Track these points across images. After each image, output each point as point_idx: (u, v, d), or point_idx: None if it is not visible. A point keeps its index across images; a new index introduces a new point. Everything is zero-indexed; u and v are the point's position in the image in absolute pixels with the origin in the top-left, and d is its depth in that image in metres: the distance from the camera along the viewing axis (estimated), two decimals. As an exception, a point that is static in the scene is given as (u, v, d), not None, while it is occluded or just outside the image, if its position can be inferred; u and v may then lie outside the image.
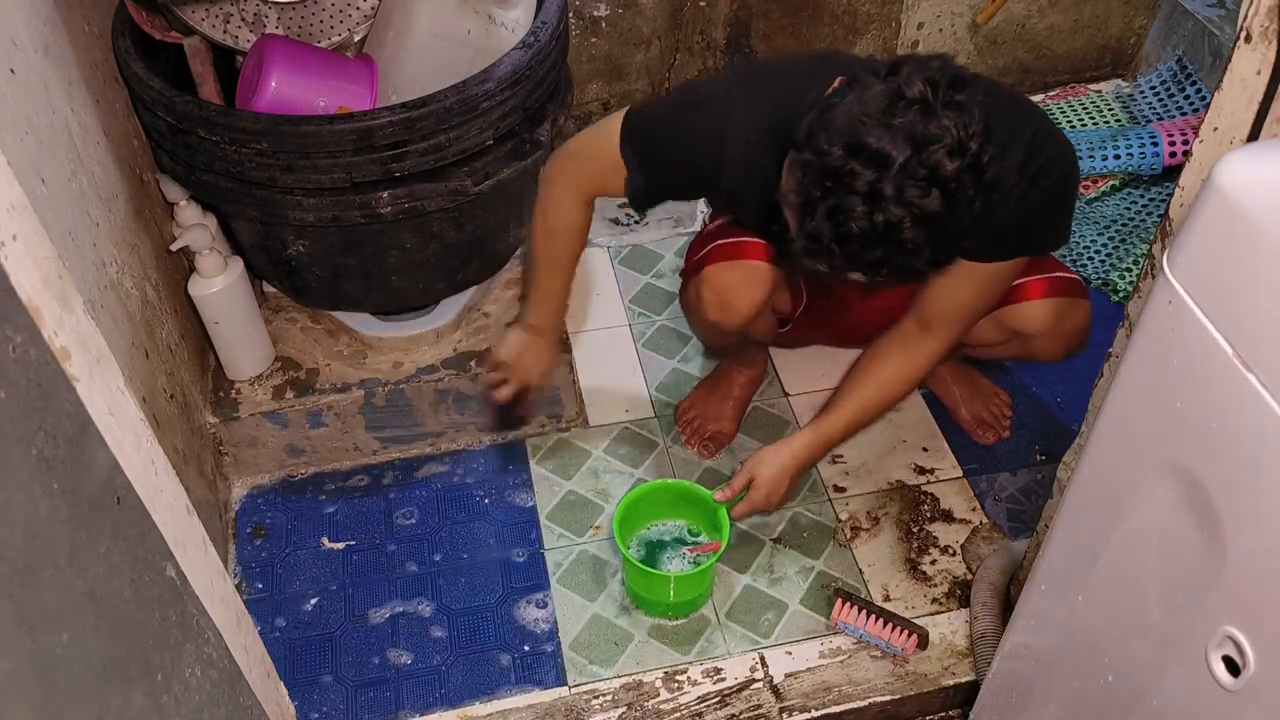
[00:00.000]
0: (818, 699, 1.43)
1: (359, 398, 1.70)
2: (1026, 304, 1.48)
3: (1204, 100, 2.15)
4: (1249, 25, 0.86)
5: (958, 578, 1.57)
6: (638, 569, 1.48)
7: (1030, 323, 1.48)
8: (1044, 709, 1.10)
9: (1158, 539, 0.85)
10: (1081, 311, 1.50)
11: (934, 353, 1.42)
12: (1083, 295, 1.51)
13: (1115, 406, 0.89)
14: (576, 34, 2.04)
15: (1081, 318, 1.50)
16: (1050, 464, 1.70)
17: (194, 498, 0.99)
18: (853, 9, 2.15)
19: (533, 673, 1.49)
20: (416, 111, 1.38)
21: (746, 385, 1.78)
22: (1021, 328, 1.50)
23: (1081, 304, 1.50)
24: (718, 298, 1.48)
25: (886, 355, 1.43)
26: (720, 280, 1.47)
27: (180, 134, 1.42)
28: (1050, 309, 1.47)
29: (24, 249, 0.64)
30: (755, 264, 1.46)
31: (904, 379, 1.43)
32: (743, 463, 1.49)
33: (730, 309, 1.48)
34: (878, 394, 1.44)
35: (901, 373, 1.43)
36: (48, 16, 1.29)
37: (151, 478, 0.81)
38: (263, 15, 1.63)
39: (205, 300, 1.60)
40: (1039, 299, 1.47)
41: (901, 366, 1.42)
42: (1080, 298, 1.50)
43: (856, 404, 1.44)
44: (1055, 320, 1.48)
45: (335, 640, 1.54)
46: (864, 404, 1.44)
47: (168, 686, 0.79)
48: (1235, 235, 0.71)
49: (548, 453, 1.77)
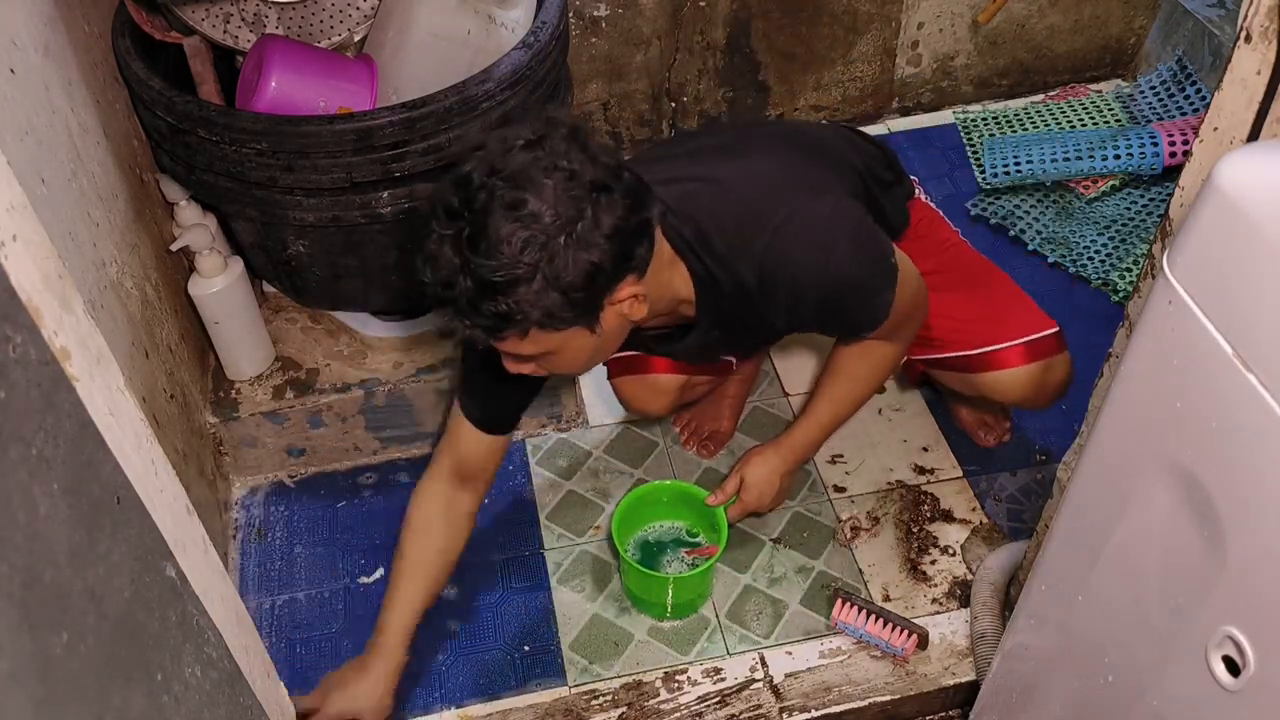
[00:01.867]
0: (818, 699, 1.43)
1: (359, 398, 1.70)
2: (1004, 374, 1.46)
3: (1204, 100, 2.15)
4: (1249, 25, 0.86)
5: (958, 578, 1.57)
6: (636, 571, 1.48)
7: (1006, 394, 1.49)
8: (1044, 709, 1.10)
9: (1158, 539, 0.85)
10: (1061, 367, 1.48)
11: (893, 351, 1.42)
12: (1061, 348, 1.47)
13: (1115, 406, 0.89)
14: (576, 34, 2.04)
15: (1061, 373, 1.48)
16: (1050, 464, 1.70)
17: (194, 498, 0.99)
18: (853, 9, 2.15)
19: (533, 673, 1.49)
20: (416, 111, 1.38)
21: (740, 384, 1.78)
22: (997, 398, 1.51)
23: (1061, 359, 1.47)
24: (632, 406, 1.61)
25: (852, 353, 1.43)
26: (628, 393, 1.59)
27: (180, 134, 1.42)
28: (1028, 379, 1.45)
29: (24, 249, 0.64)
30: (657, 377, 1.54)
31: (873, 372, 1.43)
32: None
33: (647, 413, 1.62)
34: (850, 387, 1.45)
35: (868, 368, 1.42)
36: (48, 16, 1.29)
37: (151, 478, 0.81)
38: (263, 15, 1.63)
39: (205, 300, 1.60)
40: (1017, 367, 1.45)
41: (866, 361, 1.42)
42: (1059, 353, 1.47)
43: (833, 400, 1.45)
44: (1034, 390, 1.47)
45: (335, 640, 1.54)
46: (840, 401, 1.46)
47: (168, 686, 0.79)
48: (1235, 235, 0.71)
49: (548, 453, 1.77)
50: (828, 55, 2.22)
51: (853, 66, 2.25)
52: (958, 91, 2.37)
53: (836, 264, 1.21)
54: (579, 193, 1.03)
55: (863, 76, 2.27)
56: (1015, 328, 1.46)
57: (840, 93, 2.29)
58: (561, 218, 1.02)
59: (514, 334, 1.08)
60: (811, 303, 1.24)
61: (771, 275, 1.22)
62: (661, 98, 2.18)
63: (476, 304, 1.05)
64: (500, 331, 1.08)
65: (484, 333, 1.09)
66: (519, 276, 1.02)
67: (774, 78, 2.22)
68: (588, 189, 1.04)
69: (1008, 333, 1.45)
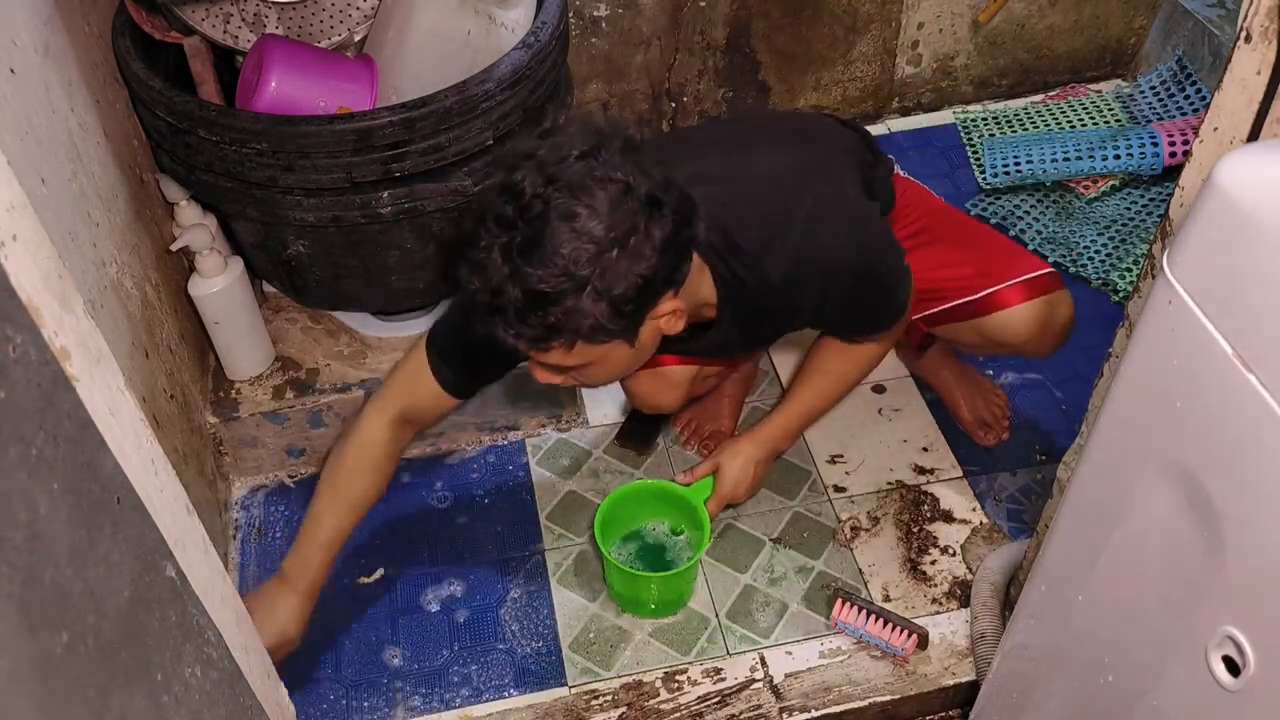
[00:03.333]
0: (818, 699, 1.43)
1: (359, 398, 1.70)
2: (1008, 312, 1.46)
3: (1204, 100, 2.15)
4: (1249, 25, 0.86)
5: (958, 578, 1.57)
6: (620, 570, 1.48)
7: (1015, 334, 1.48)
8: (1044, 709, 1.10)
9: (1158, 539, 0.85)
10: (1065, 305, 1.49)
11: (879, 351, 1.44)
12: (1061, 286, 1.49)
13: (1115, 406, 0.89)
14: (576, 34, 2.04)
15: (1065, 311, 1.49)
16: (1050, 464, 1.70)
17: (194, 498, 0.99)
18: (853, 9, 2.15)
19: (532, 673, 1.49)
20: (416, 111, 1.38)
21: (739, 382, 1.78)
22: (1006, 340, 1.49)
23: (1063, 297, 1.49)
24: (642, 400, 1.56)
25: (838, 350, 1.44)
26: (640, 387, 1.53)
27: (180, 134, 1.42)
28: (1033, 315, 1.46)
29: (24, 249, 0.64)
30: (669, 370, 1.51)
31: (856, 370, 1.46)
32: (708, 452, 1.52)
33: (658, 407, 1.56)
34: (832, 383, 1.47)
35: (852, 365, 1.45)
36: (48, 16, 1.29)
37: (151, 478, 0.81)
38: (263, 15, 1.63)
39: (205, 300, 1.60)
40: (1019, 304, 1.46)
41: (851, 359, 1.44)
42: (1059, 289, 1.49)
43: (813, 394, 1.47)
44: (1040, 326, 1.47)
45: (335, 640, 1.54)
46: (820, 395, 1.47)
47: (168, 686, 0.79)
48: (1235, 235, 0.71)
49: (548, 453, 1.77)
50: (828, 55, 2.22)
51: (853, 66, 2.25)
52: (958, 91, 2.37)
53: (869, 247, 1.28)
54: (633, 205, 1.03)
55: (863, 76, 2.28)
56: (1011, 270, 1.48)
57: (840, 93, 2.29)
58: (615, 230, 1.02)
59: (560, 346, 1.07)
60: (844, 289, 1.27)
61: (808, 264, 1.24)
62: (661, 98, 2.18)
63: (525, 314, 1.04)
64: (547, 342, 1.07)
65: (529, 344, 1.08)
66: (570, 288, 1.02)
67: (774, 78, 2.22)
68: (641, 202, 1.04)
69: (1005, 274, 1.47)
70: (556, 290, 1.02)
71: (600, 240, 1.02)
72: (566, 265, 1.01)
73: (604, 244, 1.02)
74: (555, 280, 1.02)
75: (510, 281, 1.03)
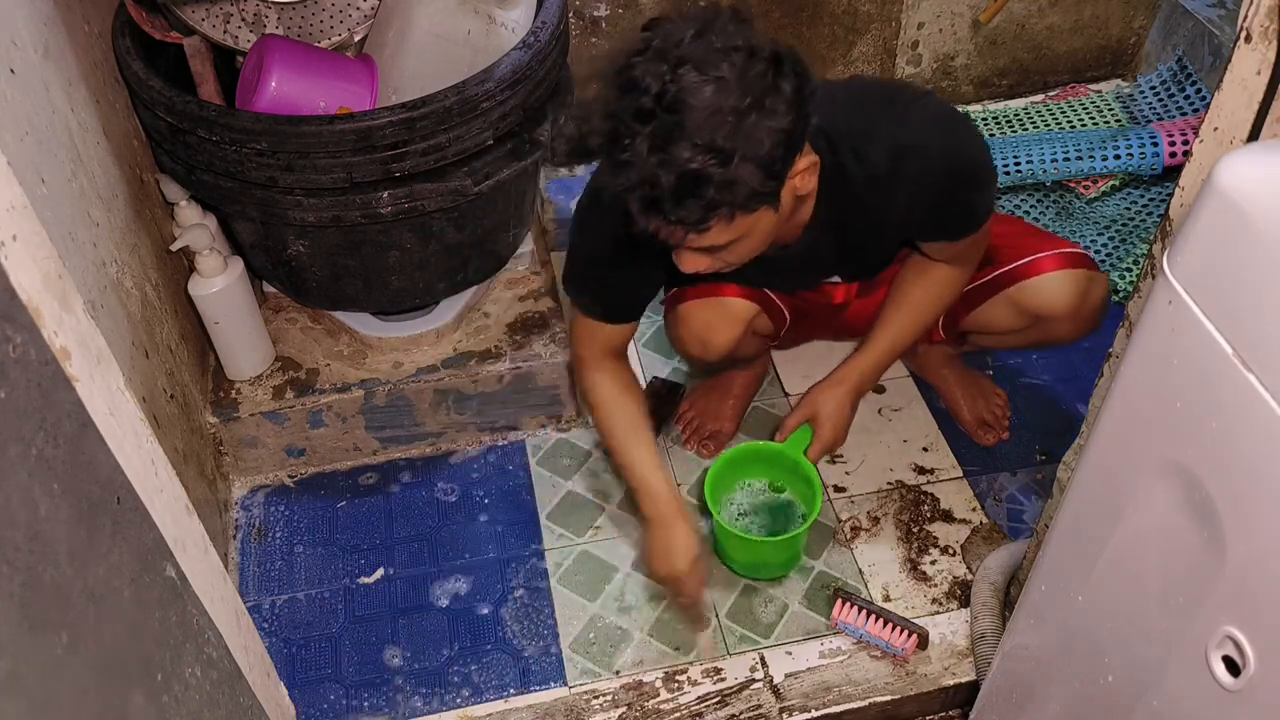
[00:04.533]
0: (818, 699, 1.43)
1: (359, 398, 1.70)
2: (1044, 278, 1.48)
3: (1204, 100, 2.15)
4: (1249, 25, 0.86)
5: (958, 578, 1.57)
6: (742, 540, 1.50)
7: (1051, 303, 1.48)
8: (1044, 709, 1.10)
9: (1158, 539, 0.85)
10: (1100, 285, 1.50)
11: (959, 276, 1.46)
12: (1096, 267, 1.51)
13: (1115, 406, 0.89)
14: (576, 34, 2.04)
15: (1100, 291, 1.50)
16: (1050, 464, 1.70)
17: (194, 498, 0.99)
18: (853, 9, 2.15)
19: (532, 673, 1.49)
20: (416, 111, 1.38)
21: (746, 385, 1.78)
22: (1042, 308, 1.49)
23: (1099, 277, 1.50)
24: (694, 335, 1.52)
25: (914, 282, 1.47)
26: (696, 318, 1.51)
27: (180, 134, 1.42)
28: (1070, 283, 1.47)
29: (24, 249, 0.64)
30: (731, 300, 1.50)
31: (938, 300, 1.48)
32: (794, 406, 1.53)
33: (708, 346, 1.52)
34: (915, 319, 1.49)
35: (933, 296, 1.48)
36: (48, 16, 1.29)
37: (151, 478, 0.81)
38: (263, 15, 1.63)
39: (205, 300, 1.60)
40: (1055, 271, 1.47)
41: (931, 289, 1.47)
42: (1095, 269, 1.50)
43: (895, 329, 1.49)
44: (1077, 298, 1.47)
45: (335, 640, 1.54)
46: (903, 330, 1.50)
47: (168, 686, 0.79)
48: (1235, 235, 0.71)
49: (548, 453, 1.77)
50: (828, 55, 2.22)
51: (853, 66, 2.25)
52: (958, 91, 2.37)
53: (965, 145, 1.32)
54: (760, 68, 1.06)
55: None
56: (1048, 243, 1.51)
57: (840, 93, 2.29)
58: (750, 95, 1.04)
59: (720, 221, 1.09)
60: (937, 184, 1.29)
61: (908, 151, 1.27)
62: (661, 98, 2.18)
63: (681, 198, 1.06)
64: (706, 222, 1.08)
65: (690, 227, 1.09)
66: (721, 160, 1.04)
67: (774, 78, 2.22)
68: (767, 63, 1.07)
69: (1042, 246, 1.50)
70: (708, 166, 1.04)
71: (738, 108, 1.04)
72: (712, 139, 1.03)
73: (743, 111, 1.04)
74: (705, 157, 1.03)
75: (661, 169, 1.04)
